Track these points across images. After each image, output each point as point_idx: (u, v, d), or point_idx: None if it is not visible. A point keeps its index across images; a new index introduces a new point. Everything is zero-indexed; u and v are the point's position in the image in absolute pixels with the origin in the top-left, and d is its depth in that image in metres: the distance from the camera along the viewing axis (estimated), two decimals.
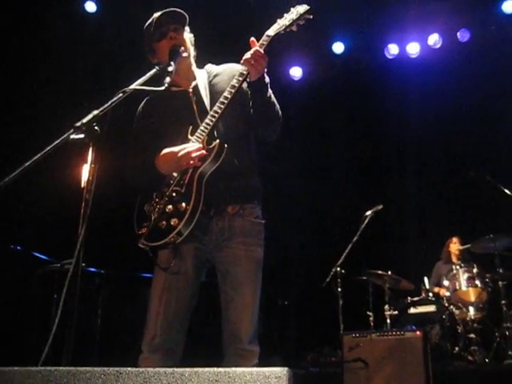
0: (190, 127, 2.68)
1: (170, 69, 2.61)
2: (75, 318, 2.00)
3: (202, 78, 2.90)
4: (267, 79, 2.71)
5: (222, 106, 2.62)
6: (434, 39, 7.64)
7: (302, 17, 2.73)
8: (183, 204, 2.56)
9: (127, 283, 5.42)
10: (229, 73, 2.86)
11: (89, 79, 6.76)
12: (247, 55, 2.63)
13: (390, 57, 7.90)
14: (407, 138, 8.26)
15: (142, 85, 2.43)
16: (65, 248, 2.72)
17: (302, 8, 2.75)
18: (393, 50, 7.86)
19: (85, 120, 2.14)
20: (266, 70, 2.67)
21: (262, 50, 2.63)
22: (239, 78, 2.65)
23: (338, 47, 7.96)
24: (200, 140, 2.62)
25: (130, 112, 2.95)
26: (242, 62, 2.66)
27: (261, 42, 2.69)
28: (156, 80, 2.59)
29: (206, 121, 2.63)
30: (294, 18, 2.73)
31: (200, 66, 3.01)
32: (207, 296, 2.94)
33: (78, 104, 5.58)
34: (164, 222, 2.57)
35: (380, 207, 6.16)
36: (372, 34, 7.70)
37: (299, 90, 8.13)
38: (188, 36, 2.90)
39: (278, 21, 2.77)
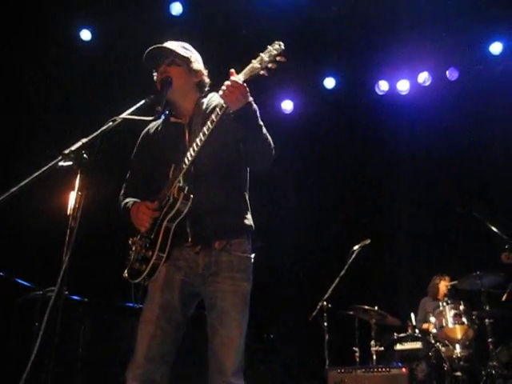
0: (173, 166, 2.70)
1: (161, 100, 2.62)
2: (55, 347, 1.98)
3: (201, 109, 2.87)
4: (253, 109, 2.59)
5: (196, 148, 2.61)
6: (424, 77, 7.77)
7: (275, 59, 2.48)
8: (150, 252, 2.67)
9: (110, 312, 5.35)
10: None
11: (81, 106, 6.79)
12: (224, 85, 2.55)
13: (380, 93, 8.01)
14: (396, 173, 8.33)
15: (133, 114, 2.45)
16: (48, 275, 2.70)
17: (276, 48, 2.50)
18: (383, 86, 7.98)
19: (73, 147, 2.15)
20: (249, 99, 2.56)
21: (238, 80, 2.51)
22: (218, 111, 2.59)
23: (329, 82, 8.07)
24: (174, 184, 2.64)
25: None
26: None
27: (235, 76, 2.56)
28: (150, 108, 2.61)
29: (184, 162, 2.64)
30: (267, 60, 2.49)
31: (205, 94, 2.97)
32: (195, 327, 2.92)
33: (69, 131, 5.60)
34: (137, 264, 2.71)
35: (367, 242, 6.16)
36: (363, 70, 7.81)
37: (290, 124, 8.19)
38: (189, 66, 2.86)
39: (253, 61, 2.53)
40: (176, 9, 7.11)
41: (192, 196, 2.63)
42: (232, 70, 2.57)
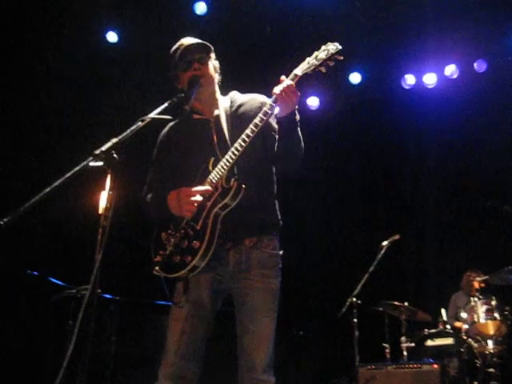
0: (212, 159, 2.70)
1: (189, 99, 2.65)
2: (90, 345, 2.01)
3: (225, 106, 2.91)
4: (297, 117, 2.69)
5: (244, 144, 2.59)
6: (451, 70, 7.65)
7: (333, 57, 2.60)
8: (197, 242, 2.60)
9: (142, 310, 5.41)
10: (252, 104, 2.86)
11: (108, 107, 6.86)
12: (278, 88, 2.60)
13: (406, 87, 7.92)
14: (424, 167, 8.25)
15: (160, 114, 2.47)
16: (81, 274, 2.74)
17: (332, 47, 2.62)
18: (409, 80, 7.88)
19: (104, 148, 2.17)
20: (296, 107, 2.64)
21: (294, 85, 2.59)
22: (262, 117, 2.61)
23: (355, 77, 8.00)
24: (220, 176, 2.63)
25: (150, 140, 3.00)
26: (272, 93, 2.62)
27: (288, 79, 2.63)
28: (177, 107, 2.64)
29: (227, 157, 2.62)
30: (324, 57, 2.60)
31: (224, 92, 3.02)
32: (223, 324, 2.94)
33: (98, 132, 5.68)
34: (178, 257, 2.62)
35: (397, 237, 6.12)
36: (389, 64, 7.73)
37: (316, 120, 8.16)
38: (213, 63, 2.92)
39: (308, 59, 2.65)
40: (200, 8, 7.13)
41: (244, 186, 2.62)
42: (282, 77, 2.64)
